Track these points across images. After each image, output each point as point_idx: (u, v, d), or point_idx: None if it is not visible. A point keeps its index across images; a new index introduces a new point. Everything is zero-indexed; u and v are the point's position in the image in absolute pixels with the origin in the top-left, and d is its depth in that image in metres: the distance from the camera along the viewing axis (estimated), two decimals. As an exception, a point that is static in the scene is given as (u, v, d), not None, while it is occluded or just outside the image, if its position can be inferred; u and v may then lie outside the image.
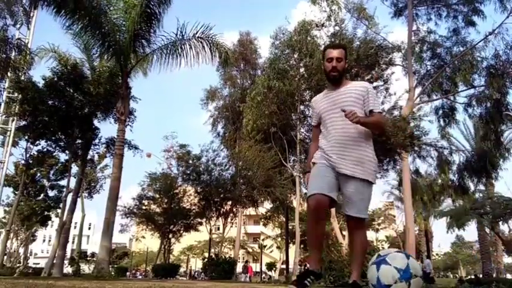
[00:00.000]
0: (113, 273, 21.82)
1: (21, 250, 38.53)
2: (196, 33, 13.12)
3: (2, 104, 18.51)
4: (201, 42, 13.30)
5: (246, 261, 31.04)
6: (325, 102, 2.93)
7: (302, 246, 33.45)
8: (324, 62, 2.95)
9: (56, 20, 12.05)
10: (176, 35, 13.17)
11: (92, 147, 19.13)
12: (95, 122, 18.10)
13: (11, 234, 31.41)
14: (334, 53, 2.87)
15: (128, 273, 35.52)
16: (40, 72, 22.31)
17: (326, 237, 31.25)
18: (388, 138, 13.59)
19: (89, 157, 20.16)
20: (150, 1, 12.71)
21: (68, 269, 27.30)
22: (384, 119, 2.49)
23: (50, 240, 55.13)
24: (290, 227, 26.40)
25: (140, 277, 37.38)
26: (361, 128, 2.72)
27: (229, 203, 22.03)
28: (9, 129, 20.01)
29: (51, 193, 26.86)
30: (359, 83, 2.97)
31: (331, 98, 2.90)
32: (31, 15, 18.94)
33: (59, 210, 23.74)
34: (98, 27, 12.47)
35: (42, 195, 26.70)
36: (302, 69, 16.02)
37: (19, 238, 37.98)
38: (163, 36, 13.39)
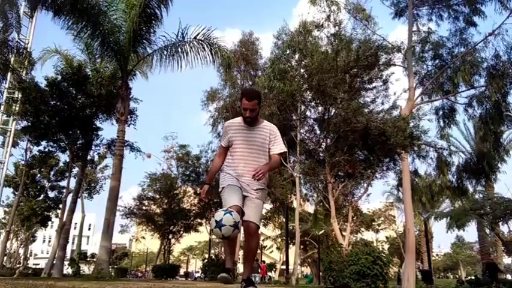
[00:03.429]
0: (112, 273, 21.80)
1: (21, 251, 38.52)
2: (198, 35, 13.10)
3: (2, 104, 18.53)
4: (202, 44, 13.27)
5: (257, 260, 30.43)
6: (239, 135, 3.52)
7: (302, 246, 33.45)
8: (241, 106, 3.48)
9: (55, 21, 12.08)
10: (177, 36, 13.14)
11: (93, 148, 19.17)
12: (97, 122, 18.16)
13: (11, 235, 31.42)
14: (249, 104, 3.41)
15: (127, 275, 35.51)
16: (42, 72, 22.27)
17: (326, 237, 31.30)
18: (388, 138, 13.58)
19: (89, 157, 20.17)
20: (150, 1, 12.70)
21: (68, 270, 27.29)
22: (279, 159, 3.64)
23: (49, 241, 55.12)
24: (290, 228, 26.37)
25: (136, 278, 37.30)
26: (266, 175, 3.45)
27: (229, 203, 22.00)
28: (9, 129, 20.02)
29: (51, 194, 26.89)
30: (267, 125, 3.61)
31: (245, 133, 3.52)
32: (32, 15, 18.99)
33: (58, 211, 23.75)
34: (97, 28, 12.47)
35: (42, 195, 26.70)
36: (303, 70, 16.02)
37: (19, 238, 37.97)
38: (164, 37, 13.39)
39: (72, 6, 11.71)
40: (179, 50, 13.40)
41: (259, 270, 28.75)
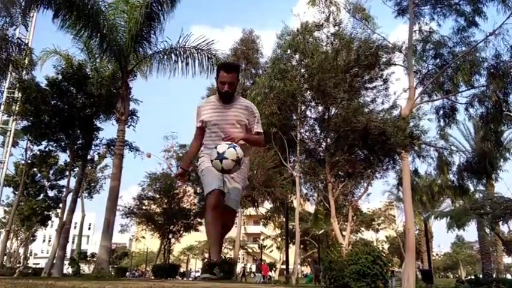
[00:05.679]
0: (112, 273, 21.81)
1: (21, 250, 38.54)
2: (198, 45, 13.31)
3: (3, 104, 18.51)
4: (200, 54, 13.48)
5: (261, 260, 30.25)
6: (214, 114, 3.22)
7: (302, 246, 33.47)
8: (217, 80, 3.19)
9: (55, 22, 12.09)
10: (178, 41, 13.34)
11: (93, 148, 19.18)
12: (97, 122, 18.17)
13: (11, 234, 31.43)
14: (227, 77, 3.14)
15: (127, 274, 35.52)
16: (42, 72, 22.32)
17: (326, 237, 31.26)
18: (388, 138, 13.59)
19: (89, 157, 20.17)
20: (152, 3, 12.74)
21: (68, 270, 27.29)
22: (262, 138, 3.40)
23: (50, 240, 55.13)
24: (290, 227, 26.39)
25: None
26: (242, 143, 3.09)
27: (230, 203, 22.01)
28: (9, 129, 20.00)
29: (51, 193, 26.89)
30: (245, 102, 3.31)
31: (220, 111, 3.22)
32: (31, 15, 18.97)
33: (58, 210, 23.75)
34: (96, 28, 12.47)
35: (42, 195, 26.70)
36: (303, 70, 16.04)
37: (19, 238, 38.00)
38: (166, 42, 13.57)
39: (69, 6, 11.71)
40: (179, 55, 13.60)
41: (261, 270, 28.67)
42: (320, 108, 16.44)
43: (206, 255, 33.86)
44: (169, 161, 26.72)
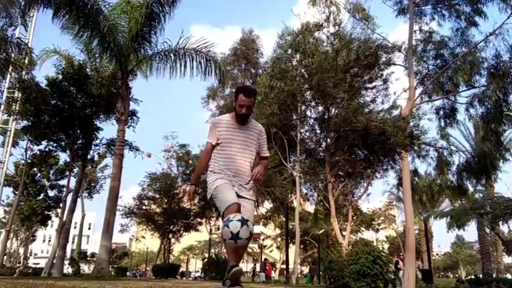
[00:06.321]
0: (112, 273, 21.81)
1: (21, 250, 38.54)
2: (198, 47, 13.44)
3: (3, 104, 18.51)
4: (200, 56, 13.60)
5: (265, 259, 30.33)
6: (231, 133, 3.44)
7: (302, 246, 33.46)
8: (235, 103, 3.41)
9: (55, 22, 12.10)
10: (178, 43, 13.42)
11: (93, 148, 19.19)
12: (97, 122, 18.17)
13: (11, 234, 31.43)
14: (246, 101, 3.36)
15: (128, 274, 35.52)
16: (41, 72, 22.30)
17: (326, 237, 31.24)
18: (388, 137, 13.58)
19: (89, 157, 20.18)
20: (153, 3, 12.76)
21: (68, 270, 27.31)
22: (267, 161, 3.89)
23: (50, 240, 55.13)
24: (290, 227, 26.38)
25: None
26: (250, 165, 3.49)
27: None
28: (9, 129, 19.99)
29: (51, 193, 26.91)
30: (257, 125, 3.61)
31: (237, 132, 3.46)
32: (31, 15, 18.97)
33: (58, 210, 23.75)
34: (96, 28, 12.47)
35: (42, 195, 26.70)
36: (303, 69, 16.01)
37: (19, 238, 38.00)
38: (166, 43, 13.68)
39: (69, 5, 11.71)
40: (178, 56, 13.66)
41: (266, 270, 28.58)
42: (320, 108, 16.42)
43: (206, 255, 33.82)
44: (170, 161, 26.74)
